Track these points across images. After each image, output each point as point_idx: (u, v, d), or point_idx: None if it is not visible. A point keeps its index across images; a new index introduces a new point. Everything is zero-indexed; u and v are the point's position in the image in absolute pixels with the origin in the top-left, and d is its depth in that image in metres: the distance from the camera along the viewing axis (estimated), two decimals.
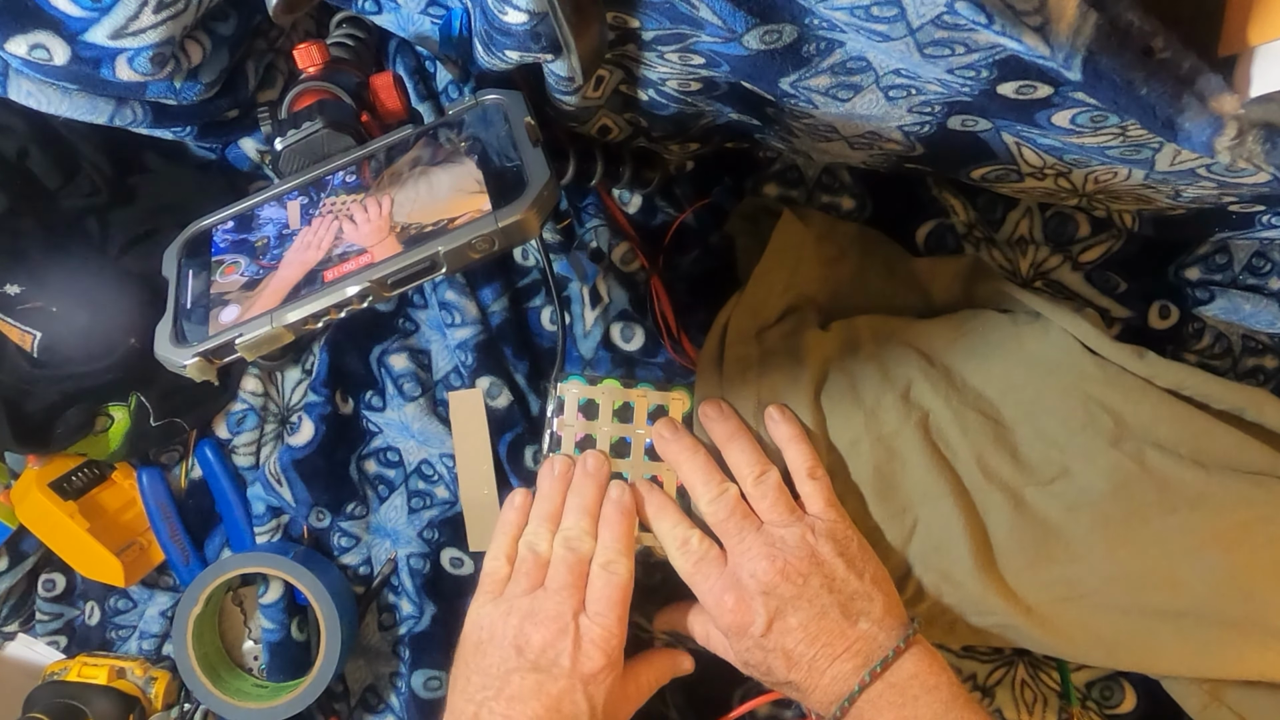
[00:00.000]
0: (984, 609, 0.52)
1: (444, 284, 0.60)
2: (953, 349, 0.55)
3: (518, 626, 0.51)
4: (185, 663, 0.62)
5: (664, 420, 0.56)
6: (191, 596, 0.61)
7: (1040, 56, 0.31)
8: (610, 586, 0.52)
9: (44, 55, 0.44)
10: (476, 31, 0.44)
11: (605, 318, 0.60)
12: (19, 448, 0.58)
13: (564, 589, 0.52)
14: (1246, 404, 0.52)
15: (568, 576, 0.52)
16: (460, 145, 0.44)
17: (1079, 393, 0.52)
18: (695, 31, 0.39)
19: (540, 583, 0.53)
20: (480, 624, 0.52)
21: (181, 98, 0.49)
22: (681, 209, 0.62)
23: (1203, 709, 0.55)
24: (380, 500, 0.64)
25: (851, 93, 0.41)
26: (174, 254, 0.46)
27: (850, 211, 0.61)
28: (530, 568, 0.53)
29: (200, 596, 0.61)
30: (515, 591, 0.52)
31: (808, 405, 0.54)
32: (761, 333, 0.57)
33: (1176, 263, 0.59)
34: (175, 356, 0.40)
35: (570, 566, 0.52)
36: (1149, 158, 0.41)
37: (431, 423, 0.61)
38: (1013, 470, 0.52)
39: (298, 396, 0.64)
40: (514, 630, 0.51)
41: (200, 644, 0.63)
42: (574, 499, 0.55)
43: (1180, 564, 0.50)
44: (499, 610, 0.52)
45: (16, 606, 0.67)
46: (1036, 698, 0.59)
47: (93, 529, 0.61)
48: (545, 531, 0.54)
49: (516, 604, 0.52)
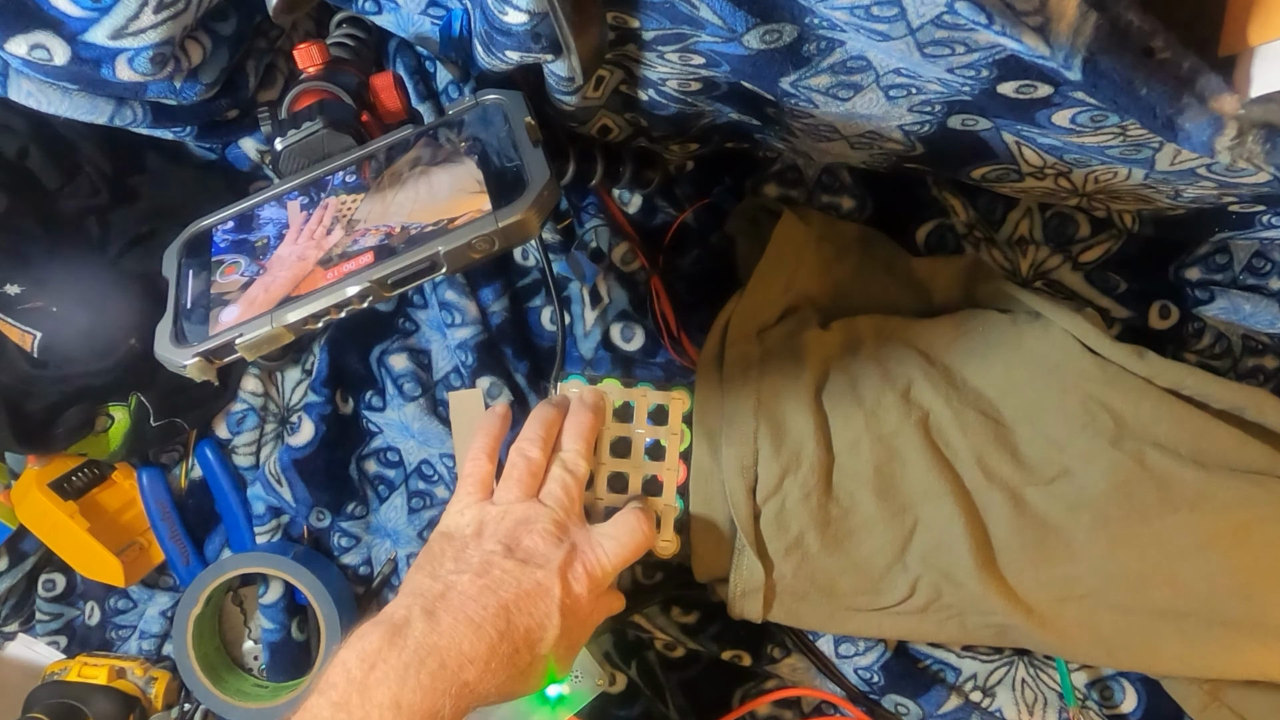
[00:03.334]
0: (984, 609, 0.52)
1: (444, 284, 0.60)
2: (953, 349, 0.55)
3: (510, 529, 0.48)
4: (185, 663, 0.62)
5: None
6: (191, 597, 0.61)
7: (1040, 56, 0.31)
8: (630, 534, 0.50)
9: (44, 55, 0.44)
10: (476, 32, 0.44)
11: (605, 318, 0.60)
12: (19, 448, 0.58)
13: (561, 508, 0.49)
14: (1246, 404, 0.52)
15: (566, 498, 0.50)
16: (460, 145, 0.44)
17: (1079, 392, 0.52)
18: (695, 31, 0.39)
19: (533, 493, 0.50)
20: (464, 521, 0.50)
21: (181, 98, 0.49)
22: (681, 209, 0.62)
23: (1203, 709, 0.55)
24: (380, 500, 0.64)
25: (852, 92, 0.41)
26: (174, 254, 0.46)
27: (850, 211, 0.61)
28: (522, 474, 0.51)
29: (200, 596, 0.61)
30: (507, 497, 0.50)
31: (808, 405, 0.54)
32: (762, 332, 0.57)
33: (1176, 263, 0.59)
34: (175, 356, 0.40)
35: (568, 488, 0.50)
36: (1149, 157, 0.41)
37: (431, 423, 0.61)
38: (1013, 470, 0.52)
39: (298, 396, 0.64)
40: (506, 530, 0.48)
41: (200, 644, 0.63)
42: (572, 423, 0.53)
43: (1180, 564, 0.50)
44: (490, 512, 0.49)
45: (16, 606, 0.67)
46: (1036, 698, 0.59)
47: (93, 529, 0.61)
48: (539, 440, 0.52)
49: (511, 509, 0.49)
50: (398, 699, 0.41)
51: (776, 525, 0.53)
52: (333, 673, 0.42)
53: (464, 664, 0.42)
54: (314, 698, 0.41)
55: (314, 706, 0.41)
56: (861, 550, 0.53)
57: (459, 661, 0.42)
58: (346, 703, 0.40)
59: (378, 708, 0.40)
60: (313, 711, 0.41)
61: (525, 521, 0.48)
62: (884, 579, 0.53)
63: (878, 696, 0.60)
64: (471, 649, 0.43)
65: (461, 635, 0.43)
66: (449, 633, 0.43)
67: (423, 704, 0.41)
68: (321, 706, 0.41)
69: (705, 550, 0.55)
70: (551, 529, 0.48)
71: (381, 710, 0.40)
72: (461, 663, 0.42)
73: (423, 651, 0.42)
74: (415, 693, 0.41)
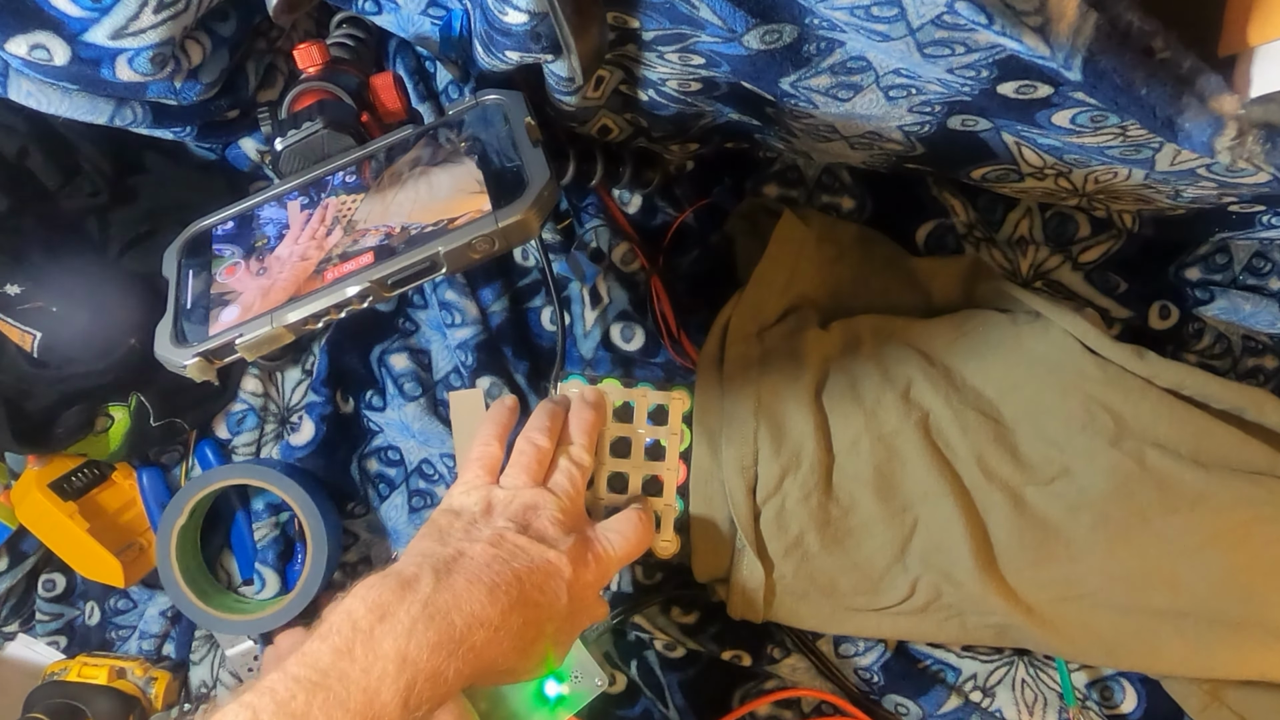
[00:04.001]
0: (984, 609, 0.52)
1: (444, 284, 0.60)
2: (953, 349, 0.55)
3: (520, 511, 0.47)
4: (168, 574, 0.60)
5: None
6: (176, 507, 0.60)
7: (1040, 56, 0.31)
8: (634, 531, 0.50)
9: (44, 55, 0.44)
10: (476, 32, 0.44)
11: (605, 318, 0.60)
12: (19, 448, 0.58)
13: (568, 498, 0.49)
14: (1246, 404, 0.52)
15: (572, 489, 0.49)
16: (460, 145, 0.44)
17: (1079, 392, 0.52)
18: (695, 31, 0.39)
19: (540, 480, 0.49)
20: (471, 500, 0.49)
21: (181, 98, 0.49)
22: (681, 209, 0.62)
23: (1203, 709, 0.55)
24: (381, 499, 0.64)
25: (852, 93, 0.41)
26: (174, 254, 0.46)
27: (850, 211, 0.61)
28: (530, 461, 0.50)
29: (185, 507, 0.60)
30: (515, 482, 0.49)
31: (808, 405, 0.54)
32: (762, 332, 0.57)
33: (1176, 263, 0.59)
34: (175, 357, 0.40)
35: (574, 480, 0.50)
36: (1149, 158, 0.41)
37: (432, 423, 0.61)
38: (1013, 470, 0.52)
39: (298, 397, 0.64)
40: (515, 512, 0.47)
41: (183, 557, 0.61)
42: (576, 419, 0.53)
43: (1180, 564, 0.50)
44: (499, 494, 0.48)
45: (16, 606, 0.67)
46: (1036, 698, 0.59)
47: (93, 529, 0.61)
48: (547, 430, 0.51)
49: (520, 493, 0.48)
50: (404, 652, 0.39)
51: (776, 525, 0.53)
52: (336, 619, 0.40)
53: (474, 626, 0.41)
54: (314, 642, 0.39)
55: (313, 650, 0.39)
56: (861, 550, 0.53)
57: (469, 623, 0.41)
58: (350, 650, 0.38)
59: (381, 659, 0.38)
60: (312, 655, 0.38)
61: (534, 506, 0.48)
62: (884, 579, 0.53)
63: (878, 696, 0.60)
64: (483, 611, 0.41)
65: (474, 596, 0.42)
66: (463, 592, 0.42)
67: (429, 662, 0.39)
68: (322, 652, 0.38)
69: (705, 550, 0.55)
70: (560, 516, 0.48)
71: (385, 662, 0.38)
72: (472, 624, 0.41)
73: (433, 608, 0.40)
74: (422, 649, 0.39)
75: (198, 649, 0.66)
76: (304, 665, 0.38)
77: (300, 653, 0.38)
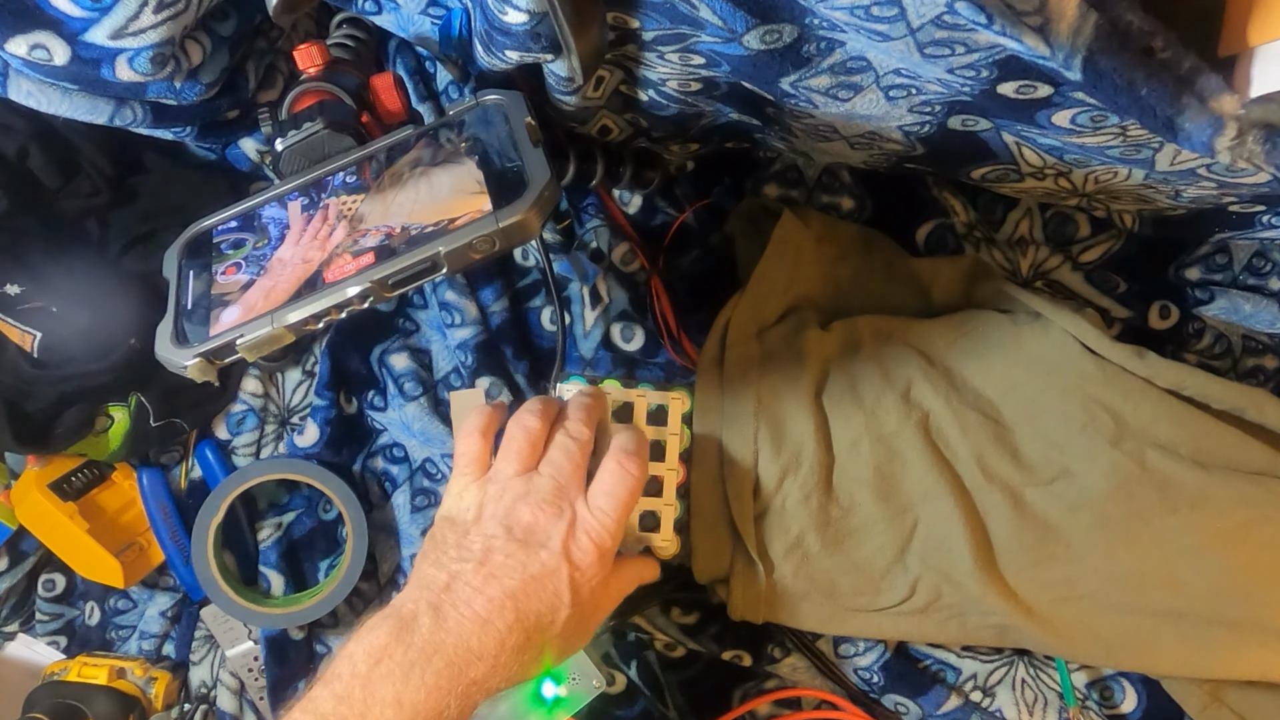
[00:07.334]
0: (984, 609, 0.52)
1: (444, 284, 0.60)
2: (953, 349, 0.55)
3: (509, 506, 0.46)
4: (205, 571, 0.61)
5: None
6: (213, 505, 0.60)
7: (1040, 56, 0.31)
8: (620, 483, 0.48)
9: (44, 55, 0.44)
10: (476, 32, 0.44)
11: (605, 318, 0.60)
12: (19, 448, 0.58)
13: (562, 474, 0.47)
14: (1246, 404, 0.52)
15: (568, 465, 0.48)
16: (461, 146, 0.44)
17: (1079, 393, 0.52)
18: (695, 31, 0.39)
19: (532, 465, 0.48)
20: (464, 504, 0.48)
21: (181, 98, 0.49)
22: (681, 209, 0.62)
23: (1203, 709, 0.55)
24: (385, 496, 0.64)
25: (852, 93, 0.41)
26: (175, 254, 0.46)
27: (850, 211, 0.61)
28: (520, 445, 0.48)
29: (222, 505, 0.60)
30: (506, 471, 0.48)
31: (808, 405, 0.54)
32: (762, 333, 0.57)
33: (1176, 263, 0.59)
34: (176, 357, 0.40)
35: (570, 455, 0.48)
36: (1149, 158, 0.41)
37: (433, 422, 0.61)
38: (1013, 470, 0.52)
39: (298, 398, 0.64)
40: (504, 510, 0.46)
41: (219, 554, 0.62)
42: (574, 401, 0.52)
43: (1180, 564, 0.50)
44: (489, 490, 0.48)
45: (16, 606, 0.67)
46: (1036, 698, 0.59)
47: (92, 530, 0.61)
48: (539, 413, 0.50)
49: (510, 484, 0.47)
50: (400, 697, 0.40)
51: (777, 526, 0.53)
52: (339, 664, 0.42)
53: (471, 661, 0.42)
54: (318, 687, 0.41)
55: (317, 696, 0.40)
56: (861, 551, 0.53)
57: (466, 659, 0.42)
58: (349, 696, 0.40)
59: (379, 704, 0.40)
60: (315, 701, 0.40)
61: (524, 496, 0.47)
62: (884, 579, 0.53)
63: (878, 696, 0.60)
64: (480, 645, 0.42)
65: (469, 632, 0.42)
66: (455, 630, 0.42)
67: (426, 702, 0.40)
68: (325, 698, 0.40)
69: (705, 551, 0.55)
70: (550, 498, 0.47)
71: (383, 707, 0.40)
72: (469, 660, 0.42)
73: (429, 649, 0.41)
74: (419, 691, 0.40)
75: (198, 649, 0.66)
76: (307, 712, 0.40)
77: (306, 698, 0.41)
